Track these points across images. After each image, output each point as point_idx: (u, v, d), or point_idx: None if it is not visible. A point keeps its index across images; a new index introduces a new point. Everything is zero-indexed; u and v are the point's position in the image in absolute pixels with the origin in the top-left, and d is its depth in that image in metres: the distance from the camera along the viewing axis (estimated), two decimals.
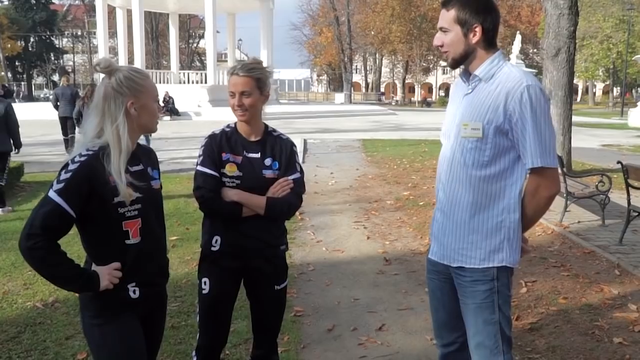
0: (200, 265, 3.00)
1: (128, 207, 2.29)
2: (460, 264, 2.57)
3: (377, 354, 4.12)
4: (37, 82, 78.85)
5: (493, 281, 2.53)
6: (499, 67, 2.47)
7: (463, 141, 2.49)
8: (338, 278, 5.71)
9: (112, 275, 2.28)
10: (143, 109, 2.35)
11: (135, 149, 2.41)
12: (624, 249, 6.61)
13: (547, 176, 2.44)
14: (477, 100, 2.47)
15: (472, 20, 2.44)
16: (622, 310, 4.82)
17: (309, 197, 9.71)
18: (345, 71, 62.54)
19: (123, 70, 2.34)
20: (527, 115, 2.36)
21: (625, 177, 6.89)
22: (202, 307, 2.98)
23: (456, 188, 2.54)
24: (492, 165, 2.46)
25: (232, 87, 2.83)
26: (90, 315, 2.34)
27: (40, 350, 4.05)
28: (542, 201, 2.49)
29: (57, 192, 2.17)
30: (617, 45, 49.00)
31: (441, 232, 2.64)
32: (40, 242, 2.13)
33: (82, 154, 2.25)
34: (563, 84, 11.04)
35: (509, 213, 2.50)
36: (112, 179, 2.24)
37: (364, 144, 18.23)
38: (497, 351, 2.57)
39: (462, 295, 2.63)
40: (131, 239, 2.33)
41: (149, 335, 2.49)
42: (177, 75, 39.05)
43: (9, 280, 5.45)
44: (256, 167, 2.89)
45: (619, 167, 7.09)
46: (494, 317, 2.55)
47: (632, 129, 27.34)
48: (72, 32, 75.52)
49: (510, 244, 2.53)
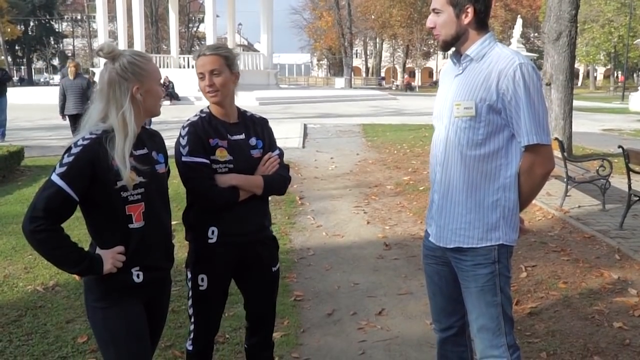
0: (195, 260, 2.86)
1: (131, 192, 2.29)
2: (458, 244, 2.57)
3: (377, 338, 4.13)
4: (37, 67, 78.59)
5: (494, 264, 2.54)
6: (490, 48, 2.48)
7: (456, 121, 2.49)
8: (338, 263, 5.72)
9: (116, 259, 2.28)
10: (148, 93, 2.35)
11: (140, 132, 2.40)
12: (624, 233, 6.61)
13: (541, 153, 2.44)
14: (469, 80, 2.47)
15: (464, 1, 2.44)
16: (622, 295, 4.83)
17: (309, 182, 9.71)
18: (346, 56, 62.22)
19: (126, 55, 2.32)
20: (521, 93, 2.36)
21: (626, 161, 6.87)
22: (197, 302, 2.90)
23: (452, 169, 2.55)
24: (486, 145, 2.46)
25: (201, 67, 2.72)
26: (94, 299, 2.35)
27: (40, 333, 4.07)
28: (538, 179, 2.50)
29: (60, 175, 2.18)
30: (618, 29, 48.64)
31: (437, 214, 2.64)
32: (42, 225, 2.14)
33: (85, 138, 2.25)
34: (564, 68, 10.98)
35: (504, 192, 2.51)
36: (114, 163, 2.23)
37: (364, 128, 18.19)
38: (500, 333, 2.59)
39: (463, 280, 2.63)
40: (134, 223, 2.32)
41: (152, 319, 2.49)
42: (177, 59, 38.85)
43: (10, 263, 5.45)
44: (244, 148, 2.82)
45: (620, 152, 7.08)
46: (496, 300, 2.56)
47: (633, 113, 27.26)
48: (72, 16, 75.21)
49: (507, 222, 2.54)
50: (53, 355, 3.77)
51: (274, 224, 6.88)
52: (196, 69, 2.76)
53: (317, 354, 3.90)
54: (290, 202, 8.17)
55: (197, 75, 2.75)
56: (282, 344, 3.98)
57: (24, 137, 14.90)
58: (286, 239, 6.43)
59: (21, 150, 10.43)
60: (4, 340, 3.97)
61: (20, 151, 10.32)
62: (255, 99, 27.87)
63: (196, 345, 2.97)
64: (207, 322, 2.96)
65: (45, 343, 3.93)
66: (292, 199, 8.31)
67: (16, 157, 10.08)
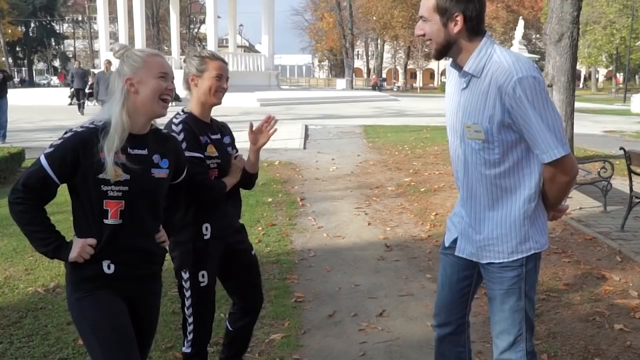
0: (194, 258, 2.94)
1: (112, 187, 2.26)
2: (489, 259, 2.52)
3: (378, 339, 4.13)
4: (38, 68, 78.62)
5: (521, 267, 2.49)
6: (488, 57, 2.32)
7: (470, 142, 2.42)
8: (339, 264, 5.71)
9: (84, 249, 2.27)
10: (141, 85, 2.30)
11: (147, 132, 2.39)
12: (625, 235, 6.60)
13: (562, 163, 2.33)
14: (473, 99, 2.36)
15: (453, 9, 2.28)
16: (623, 297, 4.82)
17: (310, 183, 9.71)
18: (347, 57, 62.19)
19: (130, 51, 2.36)
20: (527, 110, 2.24)
21: (628, 163, 6.87)
22: (199, 300, 2.98)
23: (474, 186, 2.49)
24: (504, 162, 2.38)
25: (221, 70, 2.93)
26: (70, 290, 2.37)
27: (41, 335, 4.06)
28: (563, 186, 2.42)
29: (45, 155, 2.24)
30: (620, 31, 48.64)
31: (465, 229, 2.59)
32: (19, 198, 2.22)
33: (83, 126, 2.29)
34: (566, 69, 10.96)
35: (530, 202, 2.43)
36: (103, 154, 2.23)
37: (365, 130, 18.18)
38: (521, 339, 2.54)
39: (488, 281, 2.59)
40: (109, 219, 2.29)
41: (139, 321, 2.45)
42: (178, 60, 38.86)
43: (11, 265, 5.46)
44: (224, 146, 3.02)
45: (622, 154, 7.07)
46: (520, 304, 2.51)
47: (635, 115, 27.23)
48: (73, 18, 75.24)
49: (536, 230, 2.48)
50: (54, 357, 3.76)
51: (274, 225, 6.92)
52: (213, 69, 2.91)
53: (317, 356, 3.90)
54: (291, 203, 8.17)
55: (215, 76, 2.90)
56: (282, 345, 3.98)
57: (24, 138, 14.90)
58: (287, 240, 6.43)
59: (22, 151, 10.44)
60: (5, 342, 3.96)
61: (21, 153, 10.33)
62: (256, 100, 27.88)
63: (195, 347, 3.03)
64: (206, 322, 3.05)
65: (46, 345, 3.92)
66: (293, 200, 8.31)
67: (17, 159, 10.09)
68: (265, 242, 6.30)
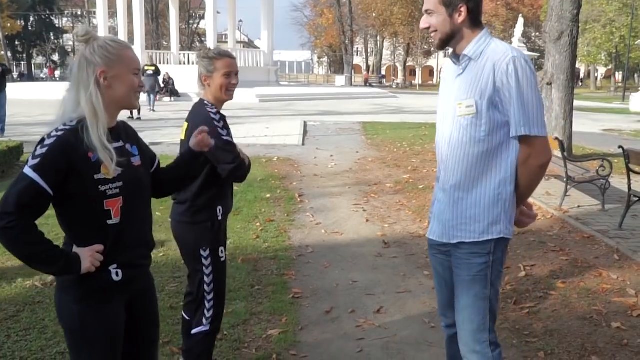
0: (212, 236, 3.17)
1: (109, 185, 2.15)
2: (460, 239, 2.61)
3: (375, 336, 4.13)
4: (37, 62, 78.42)
5: (489, 255, 2.58)
6: (487, 44, 2.51)
7: (459, 120, 2.53)
8: (337, 260, 5.71)
9: (94, 257, 2.14)
10: (116, 80, 2.18)
11: (115, 125, 2.28)
12: (623, 233, 6.61)
13: (535, 145, 2.47)
14: (469, 78, 2.51)
15: (457, 1, 2.48)
16: (621, 295, 4.82)
17: (308, 180, 9.71)
18: (346, 53, 62.10)
19: (100, 39, 2.20)
20: (513, 85, 2.40)
21: (626, 161, 6.87)
22: (219, 275, 3.22)
23: (456, 166, 2.58)
24: (488, 141, 2.49)
25: (232, 67, 3.13)
26: (71, 300, 2.20)
27: (38, 329, 4.07)
28: (534, 170, 2.53)
29: (33, 167, 2.04)
30: (620, 30, 48.56)
31: (440, 211, 2.68)
32: (14, 221, 1.99)
33: (59, 129, 2.14)
34: (565, 67, 10.97)
35: (505, 185, 2.54)
36: (91, 154, 2.10)
37: (364, 126, 18.18)
38: (484, 328, 2.62)
39: (456, 268, 2.67)
40: (113, 219, 2.18)
41: (142, 324, 2.41)
42: (178, 56, 38.77)
43: (8, 259, 5.44)
44: None
45: (620, 152, 7.07)
46: (485, 292, 2.60)
47: (633, 113, 27.25)
48: (72, 12, 75.01)
49: (507, 215, 2.59)
50: (51, 351, 3.76)
51: (273, 221, 6.92)
52: (221, 68, 3.09)
53: (314, 352, 3.90)
54: (290, 199, 8.17)
55: (224, 75, 3.09)
56: (280, 341, 3.98)
57: (23, 132, 14.89)
58: (285, 236, 6.43)
59: (20, 145, 10.42)
60: (2, 335, 3.96)
61: (19, 147, 10.32)
62: (255, 96, 27.84)
63: (214, 323, 3.23)
64: (223, 299, 3.29)
65: (43, 338, 3.93)
66: (292, 197, 8.31)
67: (15, 153, 10.07)
68: (263, 238, 6.30)
